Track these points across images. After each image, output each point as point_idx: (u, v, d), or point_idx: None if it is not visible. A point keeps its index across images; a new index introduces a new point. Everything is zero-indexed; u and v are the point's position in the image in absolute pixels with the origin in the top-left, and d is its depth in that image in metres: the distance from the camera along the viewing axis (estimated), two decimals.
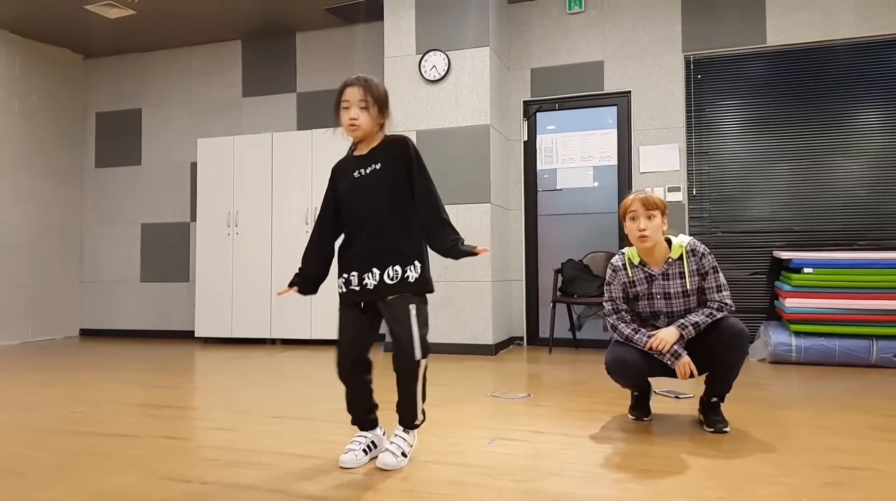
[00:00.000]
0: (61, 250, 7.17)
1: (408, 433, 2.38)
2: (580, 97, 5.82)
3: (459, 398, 3.56)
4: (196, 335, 6.44)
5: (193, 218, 6.90)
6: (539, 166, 5.94)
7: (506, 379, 4.18)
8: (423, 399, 2.36)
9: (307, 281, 2.44)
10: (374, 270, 2.30)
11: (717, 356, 2.73)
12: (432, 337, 5.88)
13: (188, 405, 3.56)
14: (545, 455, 2.45)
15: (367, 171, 2.34)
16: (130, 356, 5.56)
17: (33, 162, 6.87)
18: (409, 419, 2.36)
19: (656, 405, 3.19)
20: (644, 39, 5.64)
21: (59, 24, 6.50)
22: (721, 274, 2.83)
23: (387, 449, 2.31)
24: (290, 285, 2.42)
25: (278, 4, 6.10)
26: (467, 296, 5.34)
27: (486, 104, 5.37)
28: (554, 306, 5.40)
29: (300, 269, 2.45)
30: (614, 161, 5.73)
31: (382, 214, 2.32)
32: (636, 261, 2.87)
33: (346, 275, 2.35)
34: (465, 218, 5.37)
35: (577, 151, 5.85)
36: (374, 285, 2.29)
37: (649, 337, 2.76)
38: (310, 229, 6.01)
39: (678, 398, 3.46)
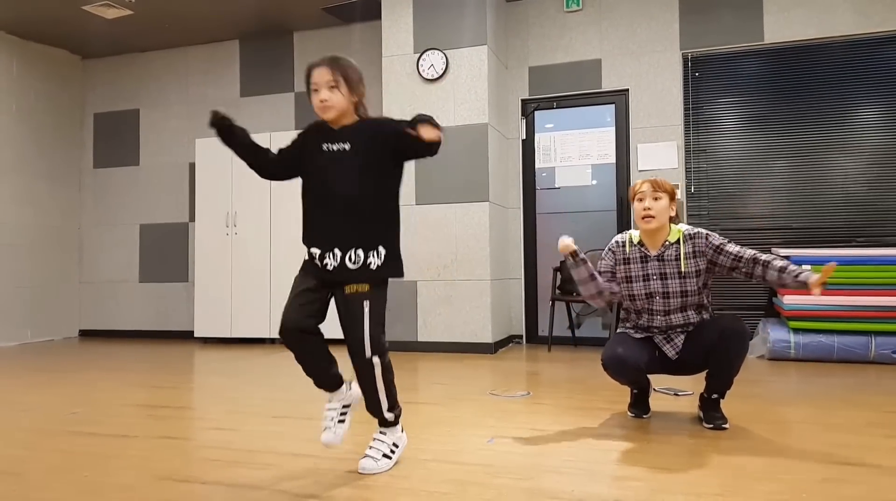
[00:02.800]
0: (60, 250, 7.16)
1: (384, 433, 2.29)
2: (578, 95, 5.82)
3: (458, 396, 3.56)
4: (195, 335, 6.44)
5: (192, 218, 6.89)
6: (537, 165, 5.94)
7: (505, 377, 4.18)
8: (390, 406, 2.27)
9: (235, 134, 2.30)
10: (336, 250, 2.19)
11: (718, 354, 2.73)
12: (431, 335, 5.86)
13: (187, 406, 3.56)
14: (545, 452, 2.46)
15: (335, 148, 2.23)
16: (130, 356, 5.56)
17: (31, 163, 6.86)
18: (378, 417, 2.29)
19: (655, 402, 3.20)
20: (641, 37, 5.64)
21: (57, 25, 6.49)
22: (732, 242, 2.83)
23: (367, 455, 2.24)
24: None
25: (275, 4, 6.09)
26: (466, 294, 5.34)
27: (484, 103, 5.37)
28: (553, 305, 5.40)
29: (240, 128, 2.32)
30: (612, 159, 5.73)
31: (347, 194, 2.21)
32: (636, 241, 2.90)
33: (310, 250, 2.26)
34: (463, 216, 5.37)
35: (575, 150, 5.85)
36: (335, 267, 2.18)
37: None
38: None
39: (677, 395, 3.47)
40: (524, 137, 5.97)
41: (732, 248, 2.80)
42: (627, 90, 5.66)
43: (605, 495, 1.99)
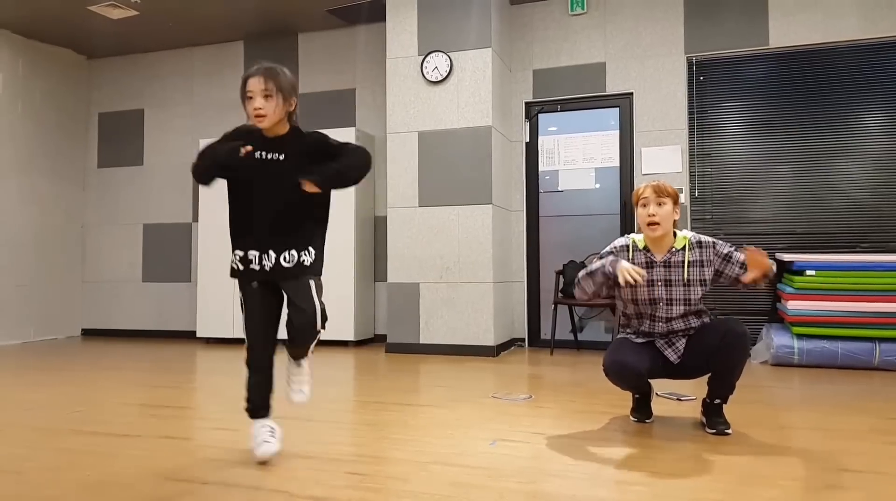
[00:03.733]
0: (64, 250, 7.17)
1: (301, 365, 2.51)
2: (582, 99, 5.82)
3: (460, 399, 3.55)
4: (198, 335, 6.45)
5: (195, 218, 6.90)
6: (541, 168, 5.94)
7: (507, 380, 4.17)
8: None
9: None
10: (271, 252, 2.33)
11: (719, 357, 2.72)
12: (433, 337, 5.87)
13: (189, 405, 3.56)
14: (547, 456, 2.45)
15: (269, 157, 2.35)
16: (132, 355, 5.57)
17: (36, 162, 6.88)
18: (298, 358, 2.50)
19: (658, 407, 3.19)
20: (646, 41, 5.63)
21: (63, 25, 6.51)
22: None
23: (299, 390, 2.49)
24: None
25: (280, 5, 6.10)
26: (469, 297, 5.34)
27: (487, 105, 5.37)
28: (555, 308, 5.40)
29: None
30: (616, 163, 5.72)
31: (280, 203, 2.33)
32: (640, 246, 2.88)
33: (241, 252, 2.37)
34: (466, 219, 5.37)
35: (578, 153, 5.84)
36: (271, 267, 2.33)
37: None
38: None
39: (680, 400, 3.46)
40: (528, 140, 5.97)
41: (739, 257, 2.79)
42: (632, 94, 5.65)
43: (608, 499, 1.98)
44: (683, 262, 2.81)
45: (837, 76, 5.25)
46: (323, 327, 2.36)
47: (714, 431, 2.75)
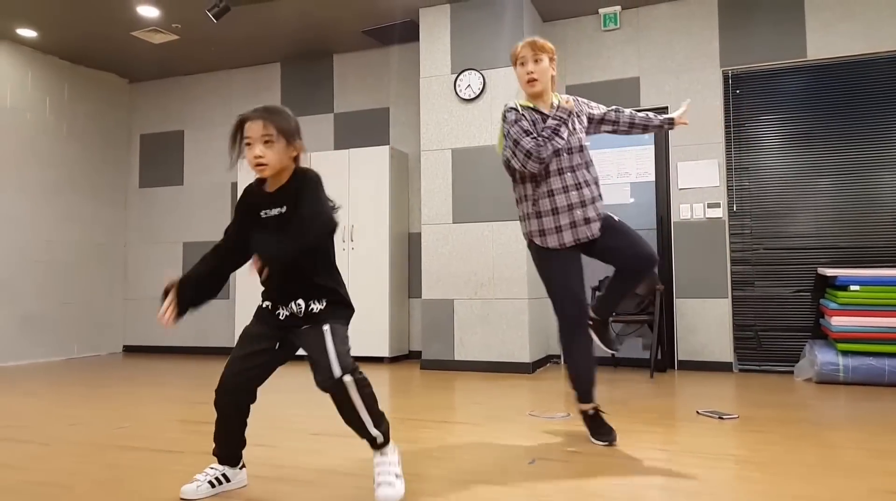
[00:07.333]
0: (106, 268, 7.36)
1: (384, 454, 2.18)
2: None
3: (497, 416, 3.54)
4: None
5: None
6: None
7: (544, 398, 4.14)
8: (375, 422, 2.13)
9: (189, 293, 2.34)
10: (282, 305, 2.20)
11: (623, 274, 3.12)
12: (468, 354, 5.82)
13: None
14: (587, 475, 2.42)
15: (273, 213, 2.18)
16: (172, 372, 5.67)
17: (80, 182, 7.10)
18: (367, 438, 2.16)
19: (699, 425, 3.13)
20: (681, 55, 5.60)
21: (106, 50, 6.73)
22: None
23: (380, 484, 2.11)
24: (172, 296, 2.28)
25: (316, 28, 6.23)
26: (503, 313, 5.32)
27: None
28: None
29: (184, 279, 2.33)
30: (652, 177, 5.68)
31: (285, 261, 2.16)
32: (529, 105, 2.97)
33: (265, 301, 2.28)
34: (500, 236, 5.37)
35: (613, 168, 5.81)
36: (286, 316, 2.19)
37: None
38: (347, 246, 6.13)
39: (722, 418, 3.39)
40: None
41: (595, 103, 3.09)
42: (667, 108, 5.61)
43: None
44: (571, 113, 2.91)
45: (877, 87, 5.15)
46: (348, 374, 2.05)
47: (602, 442, 2.87)
